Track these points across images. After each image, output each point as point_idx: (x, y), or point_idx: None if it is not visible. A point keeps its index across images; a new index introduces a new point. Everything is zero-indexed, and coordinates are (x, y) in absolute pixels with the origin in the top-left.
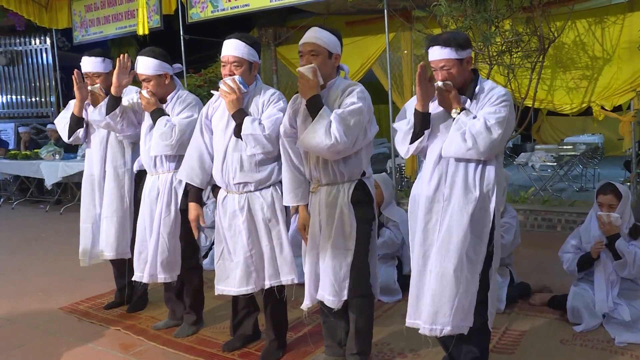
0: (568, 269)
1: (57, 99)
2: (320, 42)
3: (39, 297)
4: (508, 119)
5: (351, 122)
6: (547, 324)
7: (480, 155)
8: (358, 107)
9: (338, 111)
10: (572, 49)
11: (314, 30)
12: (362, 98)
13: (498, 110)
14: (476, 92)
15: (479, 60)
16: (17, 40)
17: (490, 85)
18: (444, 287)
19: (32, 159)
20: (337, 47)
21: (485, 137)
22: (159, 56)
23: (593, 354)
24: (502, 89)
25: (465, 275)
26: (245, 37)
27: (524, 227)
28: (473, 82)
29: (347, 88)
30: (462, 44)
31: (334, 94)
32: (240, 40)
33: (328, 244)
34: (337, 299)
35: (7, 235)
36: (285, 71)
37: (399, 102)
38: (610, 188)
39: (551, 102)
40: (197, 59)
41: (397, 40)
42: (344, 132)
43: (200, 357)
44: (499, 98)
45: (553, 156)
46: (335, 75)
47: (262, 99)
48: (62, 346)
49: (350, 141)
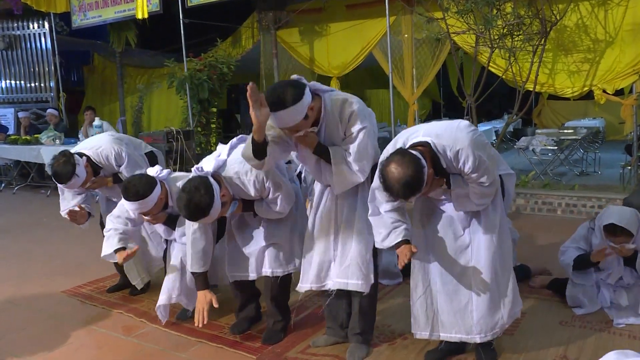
0: (563, 262)
1: (56, 84)
2: (292, 120)
3: (42, 280)
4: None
5: (365, 151)
6: (546, 305)
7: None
8: (364, 132)
9: (350, 149)
10: (574, 31)
11: (280, 114)
12: (362, 115)
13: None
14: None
15: (480, 43)
16: (15, 25)
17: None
18: (488, 299)
19: (33, 144)
20: (306, 102)
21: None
22: (289, 101)
23: (591, 334)
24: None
25: (503, 276)
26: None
27: (525, 211)
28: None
29: (343, 110)
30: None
31: (332, 121)
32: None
33: (352, 230)
34: (366, 282)
35: (9, 220)
36: (286, 55)
37: (400, 86)
38: (619, 229)
39: (552, 86)
40: (197, 43)
41: (397, 23)
42: (364, 164)
43: (202, 339)
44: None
45: (554, 140)
46: (321, 104)
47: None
48: (65, 329)
49: (370, 163)
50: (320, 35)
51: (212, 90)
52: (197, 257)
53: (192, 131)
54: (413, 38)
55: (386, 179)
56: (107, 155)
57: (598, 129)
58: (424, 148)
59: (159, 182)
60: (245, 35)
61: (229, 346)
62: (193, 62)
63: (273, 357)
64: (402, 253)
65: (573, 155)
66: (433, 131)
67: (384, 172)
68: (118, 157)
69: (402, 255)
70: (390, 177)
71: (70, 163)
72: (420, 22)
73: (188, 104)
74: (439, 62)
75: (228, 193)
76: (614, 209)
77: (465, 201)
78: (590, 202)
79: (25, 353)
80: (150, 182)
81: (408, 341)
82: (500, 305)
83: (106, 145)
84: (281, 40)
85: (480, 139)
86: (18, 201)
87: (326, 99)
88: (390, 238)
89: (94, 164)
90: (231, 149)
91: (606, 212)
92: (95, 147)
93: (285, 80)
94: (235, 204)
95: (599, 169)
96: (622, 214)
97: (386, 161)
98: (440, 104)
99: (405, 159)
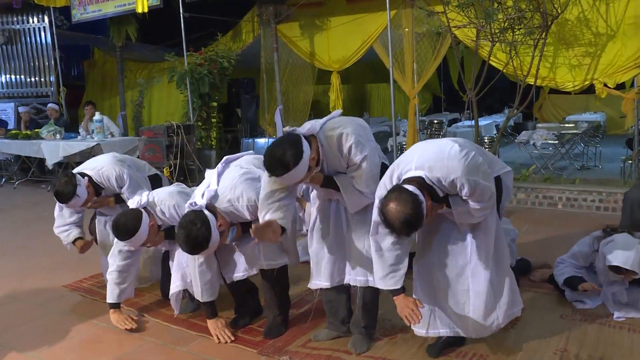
0: (557, 276)
1: (56, 79)
2: (297, 178)
3: (43, 275)
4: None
5: (370, 177)
6: (547, 299)
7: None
8: (366, 161)
9: (356, 178)
10: (576, 25)
11: (284, 177)
12: (361, 144)
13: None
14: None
15: (481, 37)
16: (15, 19)
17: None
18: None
19: (33, 138)
20: (306, 158)
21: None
22: (290, 164)
23: (592, 328)
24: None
25: (499, 278)
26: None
27: (525, 205)
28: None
29: (340, 145)
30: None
31: (332, 156)
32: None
33: (363, 228)
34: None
35: (10, 215)
36: (286, 49)
37: (400, 80)
38: (624, 270)
39: (553, 80)
40: (197, 37)
41: (398, 17)
42: (372, 186)
43: (203, 333)
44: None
45: (554, 134)
46: (318, 145)
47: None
48: (66, 323)
49: (378, 182)
50: (320, 29)
51: (212, 85)
52: (206, 289)
53: (193, 125)
54: (414, 32)
55: (387, 217)
56: (109, 176)
57: (599, 123)
58: (420, 181)
59: (144, 211)
60: (246, 29)
61: (229, 341)
62: (193, 56)
63: (274, 350)
64: (405, 306)
65: (574, 149)
66: (425, 163)
67: (384, 210)
68: (119, 179)
69: (406, 309)
70: (390, 216)
71: (71, 183)
72: (421, 15)
73: (188, 98)
74: (439, 56)
75: (225, 221)
76: (618, 245)
77: (466, 216)
78: (591, 196)
79: (27, 347)
80: (136, 215)
81: (408, 335)
82: (496, 306)
83: (108, 166)
84: (282, 34)
85: (473, 161)
86: (19, 196)
87: (321, 138)
88: (388, 281)
89: (95, 184)
90: (219, 176)
91: (611, 250)
92: (97, 168)
93: (281, 140)
94: (233, 230)
95: (600, 163)
96: (627, 256)
97: (385, 200)
98: (441, 98)
99: (403, 197)
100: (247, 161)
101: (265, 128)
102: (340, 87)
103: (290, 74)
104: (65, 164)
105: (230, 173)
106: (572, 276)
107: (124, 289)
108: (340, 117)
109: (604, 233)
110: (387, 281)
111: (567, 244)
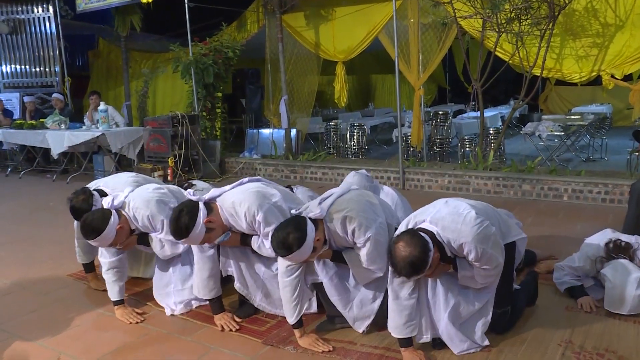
0: (556, 280)
1: (61, 69)
2: (303, 257)
3: (49, 264)
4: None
5: (376, 255)
6: (552, 291)
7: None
8: (371, 241)
9: (362, 257)
10: (583, 15)
11: (290, 257)
12: (365, 225)
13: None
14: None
15: (487, 28)
16: (20, 8)
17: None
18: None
19: (38, 128)
20: (310, 241)
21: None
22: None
23: (597, 320)
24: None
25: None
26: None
27: (530, 197)
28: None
29: (345, 228)
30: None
31: (338, 236)
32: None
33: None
34: None
35: (16, 205)
36: (291, 39)
37: (406, 71)
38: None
39: (560, 71)
40: (202, 27)
41: (404, 8)
42: (379, 263)
43: (208, 323)
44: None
45: (560, 126)
46: (323, 228)
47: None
48: (72, 312)
49: (385, 257)
50: (325, 20)
51: (217, 75)
52: (203, 285)
53: (198, 116)
54: (419, 22)
55: (393, 255)
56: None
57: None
58: (431, 235)
59: (114, 212)
60: (251, 19)
61: (234, 330)
62: (198, 46)
63: (279, 340)
64: (415, 356)
65: (580, 141)
66: (440, 221)
67: (393, 248)
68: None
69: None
70: (397, 254)
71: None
72: (427, 6)
73: (193, 88)
74: (445, 47)
75: (218, 220)
76: (616, 288)
77: (470, 281)
78: (597, 187)
79: (33, 335)
80: (104, 216)
81: None
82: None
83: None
84: (286, 24)
85: (485, 231)
86: (24, 186)
87: (327, 221)
88: (404, 330)
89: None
90: (240, 184)
91: (611, 296)
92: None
93: (287, 222)
94: (227, 234)
95: (606, 155)
96: (624, 304)
97: (396, 239)
98: (446, 89)
99: (413, 240)
100: (275, 185)
101: (270, 118)
102: (345, 78)
103: (295, 65)
104: (70, 154)
105: (250, 184)
106: (572, 287)
107: (122, 286)
108: (350, 195)
109: (606, 253)
110: (404, 330)
111: (573, 235)
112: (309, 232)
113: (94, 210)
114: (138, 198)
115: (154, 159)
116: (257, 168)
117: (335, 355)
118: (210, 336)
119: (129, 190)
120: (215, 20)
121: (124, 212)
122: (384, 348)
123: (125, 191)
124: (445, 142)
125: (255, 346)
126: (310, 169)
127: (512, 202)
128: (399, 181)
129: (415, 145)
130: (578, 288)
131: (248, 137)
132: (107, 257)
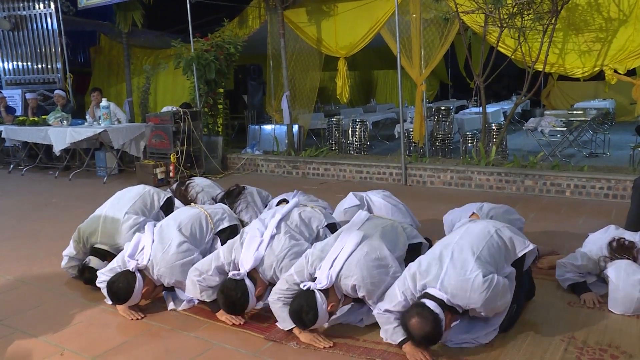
0: (559, 276)
1: (63, 65)
2: (320, 325)
3: (52, 260)
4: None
5: (379, 288)
6: (554, 286)
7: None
8: (377, 301)
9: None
10: (586, 10)
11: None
12: (372, 292)
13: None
14: None
15: (489, 23)
16: (21, 5)
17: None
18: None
19: (40, 125)
20: (322, 314)
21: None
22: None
23: (599, 315)
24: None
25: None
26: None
27: (533, 192)
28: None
29: (353, 291)
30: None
31: (350, 294)
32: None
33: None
34: None
35: (18, 201)
36: (293, 35)
37: (408, 67)
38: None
39: (562, 66)
40: (203, 23)
41: (405, 3)
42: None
43: (210, 319)
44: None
45: (563, 121)
46: (335, 291)
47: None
48: (74, 307)
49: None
50: (327, 15)
51: (219, 71)
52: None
53: (199, 112)
54: (421, 18)
55: (409, 330)
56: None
57: (608, 110)
58: (441, 303)
59: (138, 277)
60: (252, 15)
61: (237, 325)
62: (200, 42)
63: (281, 336)
64: (417, 352)
65: (582, 136)
66: (449, 289)
67: (407, 324)
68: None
69: (418, 354)
70: (412, 329)
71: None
72: (429, 1)
73: (195, 84)
74: (447, 42)
75: (263, 286)
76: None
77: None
78: (600, 183)
79: (36, 331)
80: (128, 283)
81: None
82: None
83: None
84: (288, 20)
85: (494, 291)
86: (27, 182)
87: (337, 287)
88: (395, 335)
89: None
90: (271, 238)
91: (615, 298)
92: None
93: (299, 301)
94: (269, 290)
95: (609, 151)
96: (629, 306)
97: (408, 314)
98: (448, 84)
99: (425, 314)
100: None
101: (272, 114)
102: (347, 74)
103: (297, 61)
104: (73, 151)
105: (282, 240)
106: (575, 284)
107: None
108: (357, 256)
109: (610, 253)
110: (395, 335)
111: (575, 231)
112: (320, 305)
113: (119, 277)
114: (162, 262)
115: (156, 155)
116: (259, 164)
117: (338, 351)
118: (212, 332)
119: (151, 240)
120: (217, 16)
121: (149, 275)
122: (386, 344)
123: (147, 246)
124: (448, 138)
125: (257, 342)
126: (312, 165)
127: (515, 197)
128: (401, 177)
129: (418, 141)
130: (581, 284)
131: (250, 133)
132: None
